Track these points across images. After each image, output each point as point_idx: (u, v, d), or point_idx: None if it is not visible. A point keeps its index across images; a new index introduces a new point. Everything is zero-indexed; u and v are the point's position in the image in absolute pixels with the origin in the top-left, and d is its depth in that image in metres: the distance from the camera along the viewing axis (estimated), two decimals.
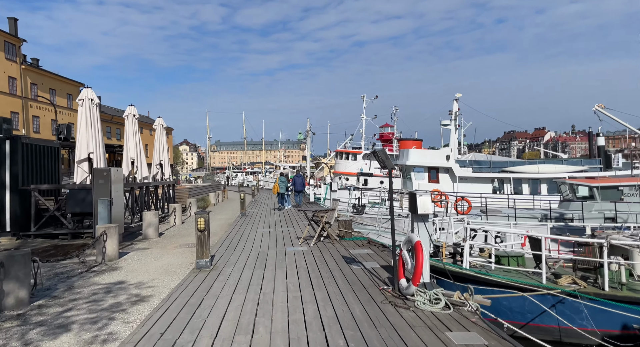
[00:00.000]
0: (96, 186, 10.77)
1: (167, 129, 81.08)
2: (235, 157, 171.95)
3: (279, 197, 22.67)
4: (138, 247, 11.14)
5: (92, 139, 15.63)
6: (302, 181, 23.56)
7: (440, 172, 26.72)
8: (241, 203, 17.13)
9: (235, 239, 11.08)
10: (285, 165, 59.76)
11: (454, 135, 27.87)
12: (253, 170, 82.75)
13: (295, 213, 18.17)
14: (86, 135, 15.54)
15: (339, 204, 10.91)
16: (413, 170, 26.96)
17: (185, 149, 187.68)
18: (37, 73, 43.78)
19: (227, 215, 19.48)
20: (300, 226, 13.57)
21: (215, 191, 28.62)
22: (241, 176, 78.59)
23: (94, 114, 16.22)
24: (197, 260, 7.56)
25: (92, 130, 15.85)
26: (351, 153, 41.25)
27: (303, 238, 10.27)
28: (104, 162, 16.17)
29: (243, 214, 16.98)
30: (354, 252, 8.85)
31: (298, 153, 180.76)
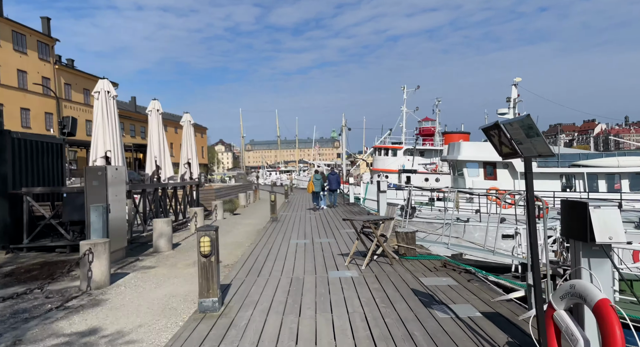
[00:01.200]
0: (88, 188, 8.60)
1: (201, 128, 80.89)
2: (269, 156, 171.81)
3: (314, 196, 20.33)
4: (142, 265, 8.88)
5: (109, 136, 13.71)
6: (337, 179, 21.16)
7: (497, 168, 23.33)
8: (272, 206, 14.71)
9: (261, 256, 8.60)
10: (320, 163, 57.34)
11: None
12: (287, 169, 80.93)
13: (333, 216, 15.56)
14: (102, 132, 13.63)
15: (395, 210, 8.18)
16: (466, 166, 23.71)
17: (221, 148, 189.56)
18: (71, 73, 43.51)
19: (256, 219, 17.15)
20: (343, 236, 10.94)
21: (246, 192, 26.49)
22: (275, 174, 76.91)
23: (111, 108, 14.27)
24: (201, 300, 5.09)
25: (109, 126, 13.91)
26: (391, 149, 38.25)
27: (350, 257, 7.63)
28: (123, 162, 14.19)
29: (274, 219, 14.56)
30: (428, 282, 6.12)
31: (332, 151, 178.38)
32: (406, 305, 5.12)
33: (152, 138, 18.54)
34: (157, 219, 10.46)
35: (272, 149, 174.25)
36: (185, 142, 23.60)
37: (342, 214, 16.36)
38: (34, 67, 38.07)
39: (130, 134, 54.26)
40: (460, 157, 23.38)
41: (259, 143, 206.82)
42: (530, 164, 3.33)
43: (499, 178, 23.19)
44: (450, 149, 24.72)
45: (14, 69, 35.81)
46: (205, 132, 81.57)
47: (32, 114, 37.83)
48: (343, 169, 46.57)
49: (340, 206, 20.60)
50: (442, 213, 18.57)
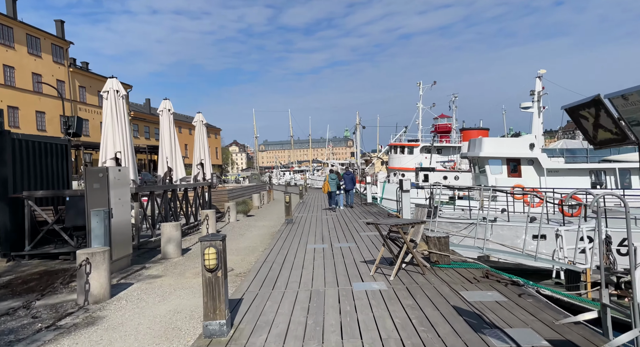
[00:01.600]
0: (89, 192, 7.92)
1: (215, 129, 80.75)
2: (283, 156, 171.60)
3: (330, 196, 19.52)
4: (148, 274, 8.16)
5: (119, 137, 13.10)
6: (352, 178, 20.34)
7: (522, 164, 22.15)
8: (286, 207, 13.92)
9: (276, 263, 7.79)
10: (334, 162, 56.42)
11: (538, 120, 23.12)
12: (300, 169, 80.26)
13: (351, 217, 14.70)
14: (112, 132, 13.03)
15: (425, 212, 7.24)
16: (488, 163, 22.58)
17: (235, 149, 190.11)
18: (86, 76, 43.51)
19: (270, 221, 16.39)
20: (364, 240, 10.07)
21: (259, 192, 25.80)
22: (288, 174, 76.29)
23: (121, 108, 13.67)
24: (206, 322, 4.29)
25: (119, 126, 13.31)
26: (407, 146, 37.10)
27: (376, 265, 6.76)
28: (133, 163, 13.57)
29: (289, 221, 13.77)
30: (471, 297, 5.23)
31: (345, 150, 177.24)
32: (450, 328, 4.24)
33: (163, 138, 17.96)
34: (166, 224, 9.76)
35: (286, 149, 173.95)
36: (197, 143, 23.03)
37: (360, 215, 15.49)
38: (49, 70, 38.08)
39: (145, 135, 54.23)
40: (482, 153, 22.26)
41: (272, 143, 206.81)
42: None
43: (523, 175, 22.01)
44: (471, 145, 23.61)
45: (29, 72, 35.83)
46: (218, 133, 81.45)
47: (48, 117, 37.86)
48: (358, 168, 45.60)
49: (358, 206, 19.73)
50: (465, 213, 17.55)
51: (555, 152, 21.69)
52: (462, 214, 16.65)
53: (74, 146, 37.12)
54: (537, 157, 21.36)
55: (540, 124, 23.11)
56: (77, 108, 41.20)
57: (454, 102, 43.63)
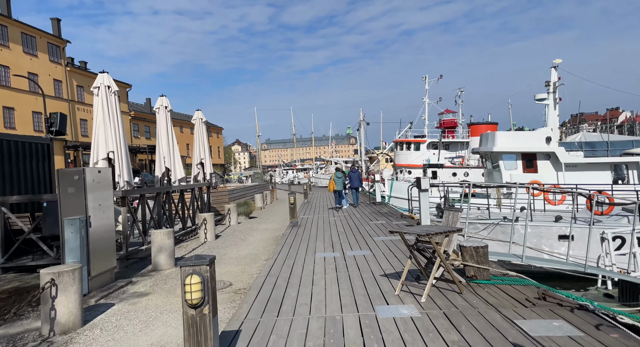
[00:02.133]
0: (62, 197, 6.77)
1: (217, 128, 79.67)
2: (285, 154, 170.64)
3: (336, 195, 18.37)
4: (133, 290, 7.03)
5: (111, 135, 11.97)
6: (358, 176, 19.34)
7: (538, 159, 20.90)
8: (291, 209, 12.76)
9: (281, 278, 6.64)
10: (338, 160, 55.19)
11: (554, 112, 21.84)
12: (304, 167, 79.15)
13: (361, 219, 13.54)
14: (104, 131, 11.91)
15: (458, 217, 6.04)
16: (502, 158, 21.34)
17: (238, 149, 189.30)
18: (83, 75, 42.46)
19: (274, 223, 15.24)
20: (379, 246, 8.90)
21: (262, 192, 24.66)
22: (291, 173, 75.20)
23: (113, 105, 12.53)
24: None
25: (112, 125, 12.18)
26: (414, 142, 35.88)
27: (401, 282, 5.59)
28: (127, 163, 12.44)
29: (294, 224, 12.62)
30: (532, 328, 4.04)
31: (348, 148, 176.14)
32: None
33: (160, 137, 16.82)
34: (156, 231, 8.62)
35: (288, 148, 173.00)
36: (197, 141, 21.90)
37: (370, 216, 14.32)
38: (45, 69, 37.04)
39: (146, 135, 53.19)
40: (496, 148, 21.02)
41: (275, 142, 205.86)
42: None
43: (540, 170, 20.77)
44: (484, 139, 22.37)
45: (25, 72, 34.77)
46: (220, 132, 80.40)
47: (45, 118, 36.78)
48: (362, 166, 44.40)
49: (366, 206, 18.55)
50: (482, 212, 16.36)
51: (574, 145, 20.45)
52: (480, 214, 15.46)
53: (72, 147, 36.08)
54: (555, 151, 20.12)
55: (556, 116, 21.84)
56: (75, 108, 40.19)
57: (459, 97, 42.38)
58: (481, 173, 29.64)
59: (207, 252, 10.31)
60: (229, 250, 10.38)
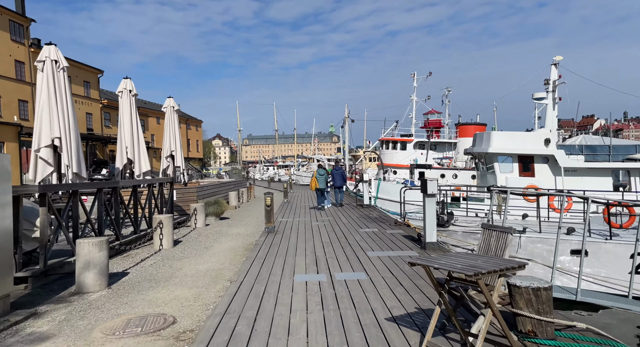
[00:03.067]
0: None
1: (196, 121, 76.57)
2: (267, 150, 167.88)
3: (318, 194, 16.79)
4: (29, 332, 4.82)
5: (57, 119, 9.80)
6: (342, 174, 18.05)
7: (536, 162, 19.41)
8: (267, 212, 10.67)
9: (243, 322, 4.58)
10: (321, 157, 53.13)
11: (552, 113, 20.36)
12: (285, 164, 76.90)
13: (349, 224, 11.57)
14: (49, 113, 9.72)
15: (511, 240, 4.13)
16: (497, 160, 19.77)
17: (218, 143, 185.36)
18: None
19: (247, 226, 13.12)
20: (376, 264, 6.93)
21: (238, 189, 22.45)
22: (272, 170, 72.87)
23: (61, 83, 10.29)
24: None
25: (58, 106, 9.97)
26: (400, 141, 34.19)
27: (428, 340, 3.61)
28: (78, 153, 10.18)
29: (270, 230, 10.56)
30: None
31: (330, 146, 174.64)
32: None
33: (123, 125, 14.57)
34: (82, 240, 6.43)
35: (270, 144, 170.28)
36: (168, 131, 19.62)
37: (359, 222, 12.36)
38: (6, 49, 33.70)
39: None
40: (491, 149, 19.43)
41: (257, 138, 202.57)
42: None
43: (537, 174, 19.30)
44: (477, 140, 20.76)
45: None
46: (200, 125, 77.31)
47: (4, 101, 33.51)
48: (346, 164, 42.54)
49: (352, 208, 16.61)
50: (480, 219, 14.64)
51: (574, 149, 19.02)
52: (478, 222, 13.72)
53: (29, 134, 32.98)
54: (554, 154, 18.63)
55: (555, 117, 20.38)
56: None
57: (447, 96, 40.91)
58: (470, 175, 28.19)
59: (158, 264, 8.15)
60: (186, 263, 8.24)
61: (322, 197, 17.57)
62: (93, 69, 44.65)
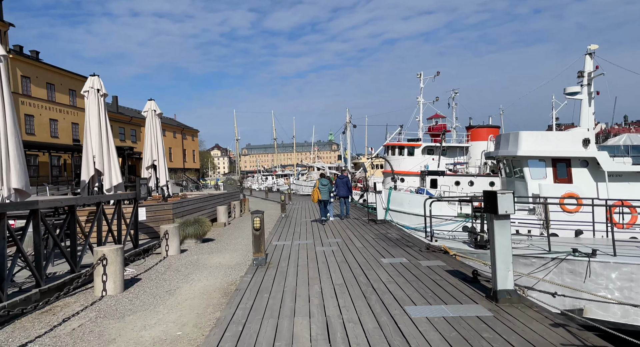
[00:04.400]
0: None
1: (192, 130, 73.84)
2: (266, 160, 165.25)
3: (321, 206, 14.95)
4: None
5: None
6: (347, 183, 16.33)
7: (573, 166, 16.59)
8: (255, 239, 7.76)
9: None
10: (323, 165, 50.16)
11: (589, 109, 17.59)
12: (284, 173, 74.02)
13: (366, 251, 8.66)
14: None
15: None
16: (527, 165, 16.95)
17: (217, 153, 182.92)
18: (32, 65, 36.46)
19: (233, 255, 10.20)
20: (422, 330, 4.06)
21: (229, 202, 19.59)
22: (271, 179, 70.03)
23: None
24: None
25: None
26: (407, 146, 31.38)
27: None
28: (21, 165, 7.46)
29: (259, 263, 7.66)
30: None
31: (330, 154, 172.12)
32: None
33: (89, 131, 11.82)
34: None
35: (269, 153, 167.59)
36: (149, 139, 16.87)
37: (376, 246, 9.44)
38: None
39: None
40: (520, 152, 16.60)
41: (256, 147, 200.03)
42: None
43: (575, 180, 16.49)
44: (503, 141, 17.94)
45: None
46: (196, 134, 74.69)
47: None
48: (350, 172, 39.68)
49: (363, 224, 13.72)
50: (523, 237, 11.76)
51: (619, 150, 16.20)
52: (519, 240, 10.83)
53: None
54: (595, 156, 15.82)
55: (591, 114, 17.61)
56: (19, 101, 34.17)
57: (453, 99, 38.19)
58: (489, 182, 25.33)
59: (84, 329, 5.25)
60: (129, 324, 5.36)
61: (325, 210, 15.09)
62: (79, 76, 41.99)
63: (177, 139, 67.50)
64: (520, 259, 9.43)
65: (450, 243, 10.49)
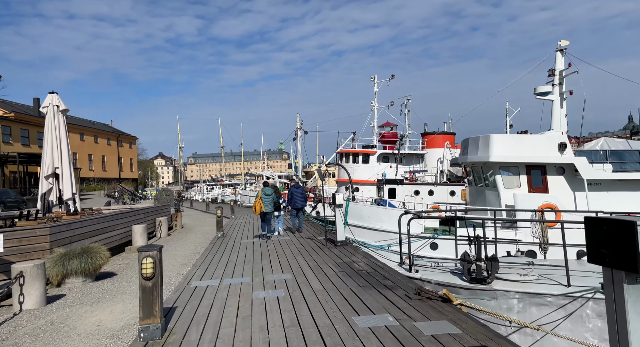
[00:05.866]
0: None
1: (130, 137, 67.32)
2: (214, 169, 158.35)
3: (263, 219, 13.10)
4: None
5: None
6: (302, 193, 14.29)
7: (549, 173, 14.84)
8: (145, 295, 4.51)
9: None
10: (272, 174, 46.69)
11: (560, 111, 16.03)
12: (231, 183, 69.60)
13: (326, 291, 5.71)
14: None
15: None
16: (500, 172, 14.97)
17: (161, 162, 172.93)
18: None
19: (131, 304, 6.74)
20: None
21: (155, 219, 15.86)
22: (217, 189, 65.41)
23: None
24: None
25: None
26: (362, 153, 29.12)
27: None
28: None
29: (149, 336, 4.39)
30: None
31: (280, 163, 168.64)
32: None
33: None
34: None
35: (217, 162, 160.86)
36: (49, 141, 13.05)
37: (340, 284, 6.45)
38: None
39: (23, 141, 40.77)
40: (493, 157, 14.58)
41: (203, 156, 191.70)
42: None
43: (551, 189, 14.75)
44: (471, 146, 15.89)
45: None
46: (134, 141, 68.33)
47: None
48: (300, 180, 36.73)
49: (320, 248, 10.74)
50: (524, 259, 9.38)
51: (598, 155, 14.62)
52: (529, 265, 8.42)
53: None
54: (573, 162, 14.13)
55: (563, 116, 16.06)
56: None
57: (406, 106, 36.65)
58: (449, 192, 23.49)
59: None
60: None
61: (268, 224, 13.01)
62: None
63: (112, 146, 61.03)
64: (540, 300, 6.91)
65: (437, 274, 7.82)
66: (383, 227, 14.75)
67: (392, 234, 14.81)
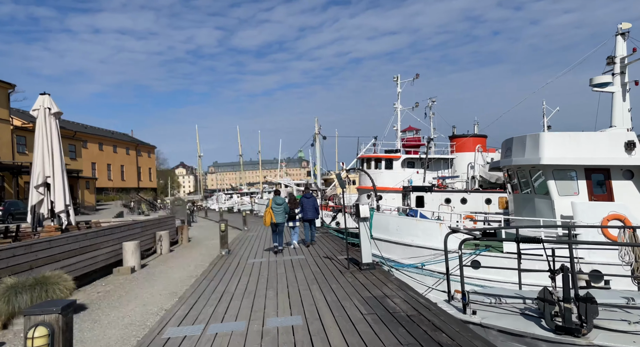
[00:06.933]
0: None
1: (149, 147, 66.86)
2: (234, 178, 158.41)
3: (274, 231, 11.81)
4: None
5: None
6: (313, 204, 12.71)
7: (613, 178, 12.42)
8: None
9: None
10: (290, 182, 44.74)
11: (622, 105, 13.59)
12: (249, 191, 68.19)
13: None
14: None
15: None
16: (552, 177, 12.60)
17: (182, 172, 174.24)
18: None
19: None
20: None
21: (154, 232, 14.12)
22: (236, 198, 64.05)
23: None
24: None
25: None
26: (384, 158, 26.91)
27: None
28: None
29: None
30: None
31: (299, 171, 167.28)
32: None
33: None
34: None
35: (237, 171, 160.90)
36: (40, 147, 11.51)
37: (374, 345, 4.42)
38: None
39: None
40: (545, 160, 12.27)
41: (223, 165, 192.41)
42: None
43: (617, 197, 12.32)
44: (515, 147, 13.57)
45: None
46: (153, 151, 67.92)
47: None
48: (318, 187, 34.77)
49: (341, 274, 8.66)
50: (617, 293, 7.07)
51: None
52: None
53: None
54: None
55: (627, 111, 13.59)
56: None
57: (431, 108, 34.21)
58: (485, 199, 21.06)
59: None
60: None
61: (280, 236, 11.80)
62: (4, 83, 35.30)
63: (130, 155, 60.63)
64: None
65: (503, 318, 5.65)
66: (415, 242, 12.57)
67: (425, 250, 12.66)
